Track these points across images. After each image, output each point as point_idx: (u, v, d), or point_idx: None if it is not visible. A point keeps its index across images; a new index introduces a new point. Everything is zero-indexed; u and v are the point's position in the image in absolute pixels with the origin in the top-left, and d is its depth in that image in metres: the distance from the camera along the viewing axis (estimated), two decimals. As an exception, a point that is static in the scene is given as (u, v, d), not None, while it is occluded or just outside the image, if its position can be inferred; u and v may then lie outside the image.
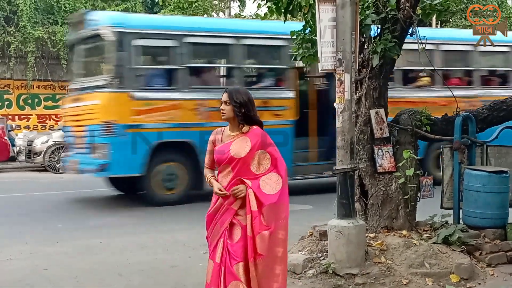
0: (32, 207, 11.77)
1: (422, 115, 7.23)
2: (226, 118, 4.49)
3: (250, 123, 4.49)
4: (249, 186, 4.34)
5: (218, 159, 4.47)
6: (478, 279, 6.10)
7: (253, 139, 4.43)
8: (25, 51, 23.30)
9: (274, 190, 4.40)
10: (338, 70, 5.90)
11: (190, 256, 7.47)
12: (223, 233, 4.38)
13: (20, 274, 6.81)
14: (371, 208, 6.93)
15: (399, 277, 5.93)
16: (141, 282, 6.48)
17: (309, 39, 7.38)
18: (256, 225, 4.30)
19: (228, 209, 4.39)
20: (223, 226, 4.39)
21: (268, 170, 4.42)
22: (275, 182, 4.41)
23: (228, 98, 4.45)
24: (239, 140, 4.44)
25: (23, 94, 24.38)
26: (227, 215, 4.39)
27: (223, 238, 4.37)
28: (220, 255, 4.35)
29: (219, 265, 4.35)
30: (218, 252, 4.37)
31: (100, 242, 8.37)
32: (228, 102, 4.44)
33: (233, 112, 4.45)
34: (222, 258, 4.34)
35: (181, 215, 10.29)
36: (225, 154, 4.41)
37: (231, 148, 4.40)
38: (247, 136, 4.45)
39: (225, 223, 4.39)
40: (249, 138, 4.44)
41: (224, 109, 4.46)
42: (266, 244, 4.30)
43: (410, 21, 6.89)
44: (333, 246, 6.04)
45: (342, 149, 6.01)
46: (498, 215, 6.91)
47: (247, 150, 4.39)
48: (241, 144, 4.42)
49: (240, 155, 4.38)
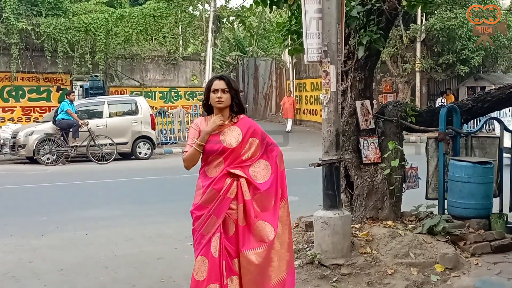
0: (16, 199, 11.70)
1: (407, 107, 7.26)
2: (224, 106, 4.38)
3: (239, 112, 4.46)
4: (241, 176, 4.31)
5: (209, 150, 4.36)
6: (462, 269, 6.15)
7: (243, 128, 4.39)
8: (8, 43, 23.04)
9: (265, 178, 4.38)
10: (324, 61, 5.90)
11: (176, 248, 7.47)
12: (219, 226, 4.28)
13: (5, 267, 6.78)
14: (357, 199, 6.96)
15: (385, 267, 5.97)
16: (128, 275, 6.47)
17: (294, 30, 7.38)
18: (251, 213, 4.28)
19: (224, 198, 4.29)
20: (219, 217, 4.27)
21: (258, 158, 4.39)
22: (265, 170, 4.39)
23: (226, 85, 4.36)
24: (229, 130, 4.38)
25: (7, 86, 24.14)
26: (224, 205, 4.29)
27: (219, 232, 4.27)
28: (218, 250, 4.24)
29: (218, 260, 4.23)
30: (215, 246, 4.24)
31: (85, 235, 8.35)
32: (227, 90, 4.36)
33: (231, 100, 4.39)
34: (221, 252, 4.25)
35: (166, 208, 10.27)
36: (216, 145, 4.33)
37: (222, 139, 4.35)
38: (237, 125, 4.40)
39: (221, 214, 4.28)
40: (239, 127, 4.39)
41: (222, 97, 4.35)
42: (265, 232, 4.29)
43: (395, 12, 6.91)
44: (319, 237, 6.06)
45: (327, 140, 6.02)
46: (482, 205, 6.98)
47: (239, 140, 4.34)
48: (231, 134, 4.37)
49: (232, 145, 4.33)
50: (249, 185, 4.33)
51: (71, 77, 24.95)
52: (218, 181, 4.32)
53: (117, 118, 19.19)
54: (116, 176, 14.91)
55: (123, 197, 11.87)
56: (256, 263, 4.28)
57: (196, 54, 28.02)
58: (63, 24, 23.69)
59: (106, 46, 24.55)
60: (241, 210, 4.30)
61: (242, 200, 4.30)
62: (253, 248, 4.29)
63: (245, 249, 4.28)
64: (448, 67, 25.59)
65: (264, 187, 4.35)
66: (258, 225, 4.30)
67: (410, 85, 25.96)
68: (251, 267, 4.29)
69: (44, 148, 17.57)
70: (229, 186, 4.30)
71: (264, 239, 4.30)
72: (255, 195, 4.33)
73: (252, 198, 4.32)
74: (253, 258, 4.28)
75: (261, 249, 4.29)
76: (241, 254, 4.29)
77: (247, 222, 4.31)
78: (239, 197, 4.31)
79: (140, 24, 25.22)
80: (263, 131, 4.51)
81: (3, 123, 22.11)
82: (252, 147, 4.39)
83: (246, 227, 4.31)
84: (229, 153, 4.33)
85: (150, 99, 25.19)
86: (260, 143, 4.42)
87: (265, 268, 4.33)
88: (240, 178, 4.31)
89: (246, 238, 4.30)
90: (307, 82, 30.05)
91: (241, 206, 4.30)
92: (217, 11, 26.13)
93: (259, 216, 4.32)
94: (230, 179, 4.32)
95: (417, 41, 24.84)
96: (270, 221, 4.35)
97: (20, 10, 22.93)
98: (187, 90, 27.11)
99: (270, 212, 4.37)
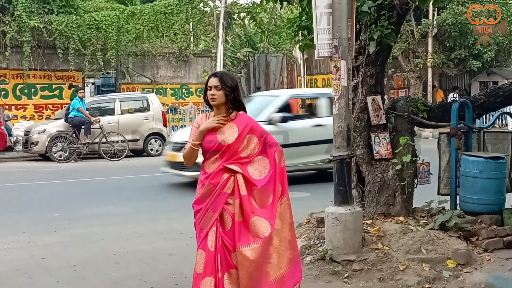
0: (29, 196, 11.78)
1: (419, 102, 7.22)
2: (217, 103, 4.38)
3: (238, 109, 4.45)
4: (237, 172, 4.31)
5: (205, 147, 4.39)
6: (474, 264, 6.11)
7: (240, 125, 4.39)
8: (21, 41, 23.20)
9: (262, 174, 4.37)
10: (335, 57, 5.88)
11: (188, 244, 7.47)
12: (216, 221, 4.31)
13: (18, 264, 6.82)
14: (368, 194, 6.94)
15: (396, 263, 5.95)
16: (139, 271, 6.49)
17: (305, 26, 7.34)
18: (247, 209, 4.27)
19: (220, 193, 4.31)
20: (216, 212, 4.30)
21: (256, 154, 4.39)
22: (263, 166, 4.39)
23: (219, 82, 4.35)
24: (226, 126, 4.38)
25: (19, 84, 24.30)
26: (220, 199, 4.31)
27: (216, 226, 4.30)
28: (214, 243, 4.27)
29: (214, 254, 4.26)
30: (211, 240, 4.28)
31: (97, 231, 8.38)
32: (219, 86, 4.35)
33: (224, 97, 4.38)
34: (217, 246, 4.27)
35: (177, 204, 10.29)
36: (212, 142, 4.35)
37: (218, 135, 4.35)
38: (234, 122, 4.40)
39: (218, 208, 4.30)
40: (236, 124, 4.39)
41: (215, 94, 4.35)
42: (261, 228, 4.28)
43: (406, 7, 6.87)
44: (330, 233, 6.04)
45: (339, 136, 6.00)
46: (494, 200, 6.93)
47: (234, 137, 4.34)
48: (228, 130, 4.37)
49: (227, 141, 4.33)
50: (245, 181, 4.32)
51: (82, 75, 25.08)
52: (215, 176, 4.34)
53: (128, 115, 19.25)
54: (127, 173, 14.95)
55: (134, 193, 11.91)
56: (252, 258, 4.27)
57: (207, 50, 28.06)
58: (75, 21, 23.82)
59: (118, 43, 24.65)
60: (238, 205, 4.30)
61: (239, 196, 4.30)
62: (248, 244, 4.28)
63: (241, 245, 4.27)
64: (460, 62, 25.44)
65: (261, 183, 4.34)
66: (254, 220, 4.29)
67: (422, 80, 25.84)
68: (247, 262, 4.28)
69: (56, 145, 17.68)
70: (225, 181, 4.32)
71: (259, 235, 4.28)
72: (252, 190, 4.32)
73: (249, 193, 4.31)
74: (248, 253, 4.27)
75: (256, 244, 4.27)
76: (237, 249, 4.28)
77: (243, 217, 4.31)
78: (235, 192, 4.31)
79: (151, 21, 25.29)
80: (263, 128, 4.51)
81: (16, 121, 22.26)
82: (250, 145, 4.39)
83: (243, 223, 4.31)
84: (225, 149, 4.33)
85: (161, 96, 25.25)
86: (259, 140, 4.41)
87: (262, 264, 4.30)
88: (237, 174, 4.32)
89: (242, 233, 4.30)
90: (318, 78, 30.00)
91: (237, 202, 4.30)
92: (228, 7, 26.17)
93: (256, 212, 4.30)
94: (227, 174, 4.33)
95: (429, 36, 24.72)
96: (266, 217, 4.33)
97: (32, 8, 23.08)
98: (198, 86, 27.15)
99: (267, 208, 4.35)
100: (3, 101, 23.83)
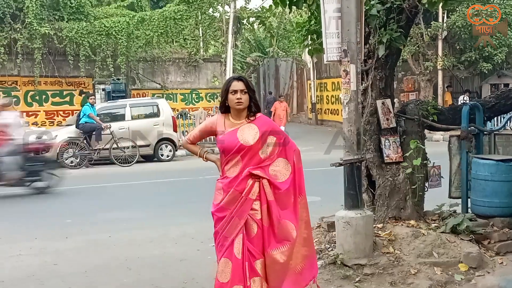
0: (40, 202, 11.83)
1: (429, 105, 7.21)
2: (244, 107, 4.41)
3: (256, 112, 4.47)
4: (263, 177, 4.32)
5: (226, 148, 4.39)
6: (487, 268, 6.08)
7: (261, 126, 4.40)
8: (32, 48, 23.34)
9: (285, 176, 4.40)
10: (344, 61, 5.88)
11: (199, 249, 7.49)
12: (242, 228, 4.29)
13: (30, 270, 6.86)
14: (379, 198, 6.93)
15: (408, 267, 5.93)
16: (151, 276, 6.50)
17: (314, 30, 7.37)
18: (275, 213, 4.29)
19: (246, 199, 4.30)
20: (242, 219, 4.29)
21: (276, 156, 4.41)
22: (284, 168, 4.41)
23: (245, 86, 4.38)
24: (245, 127, 4.40)
25: (30, 91, 24.45)
26: (246, 206, 4.30)
27: (242, 233, 4.29)
28: (241, 251, 4.26)
29: (242, 261, 4.25)
30: (238, 248, 4.26)
31: (109, 237, 8.41)
32: (245, 90, 4.38)
33: (249, 101, 4.41)
34: (244, 254, 4.27)
35: (188, 209, 10.31)
36: (233, 143, 4.34)
37: (239, 136, 4.36)
38: (253, 123, 4.41)
39: (244, 215, 4.29)
40: (256, 125, 4.40)
41: (241, 98, 4.36)
42: (288, 230, 4.32)
43: (415, 10, 6.87)
44: (341, 237, 6.04)
45: (348, 140, 6.00)
46: (506, 203, 6.88)
47: (256, 138, 4.35)
48: (249, 132, 4.37)
49: (249, 143, 4.33)
50: (270, 185, 4.34)
51: (93, 81, 25.20)
52: (240, 182, 4.34)
53: (139, 121, 19.29)
54: (138, 179, 14.99)
55: (145, 199, 11.94)
56: (281, 261, 4.32)
57: (217, 55, 28.09)
58: (85, 28, 23.95)
59: (128, 49, 24.75)
60: (265, 211, 4.32)
61: (266, 201, 4.32)
62: (277, 248, 4.33)
63: (271, 249, 4.31)
64: (471, 64, 25.34)
65: (285, 186, 4.38)
66: (282, 224, 4.33)
67: (432, 83, 25.74)
68: (277, 266, 4.32)
69: (67, 152, 17.75)
70: (251, 187, 4.32)
71: (287, 238, 4.34)
72: (276, 194, 4.34)
73: (274, 198, 4.34)
74: (278, 257, 4.31)
75: (285, 247, 4.34)
76: (266, 254, 4.32)
77: (270, 222, 4.33)
78: (262, 198, 4.32)
79: (160, 27, 25.39)
80: (282, 130, 4.55)
81: (28, 128, 22.37)
82: (269, 146, 4.41)
83: (270, 227, 4.33)
84: (246, 151, 4.34)
85: (171, 101, 25.32)
86: (278, 141, 4.43)
87: (288, 264, 4.39)
88: (262, 179, 4.32)
89: (271, 238, 4.33)
90: (328, 82, 29.98)
91: (264, 207, 4.32)
92: (237, 12, 26.18)
93: (281, 215, 4.34)
94: (251, 180, 4.33)
95: (438, 38, 24.63)
96: (291, 219, 4.40)
97: (42, 15, 23.23)
98: (208, 91, 27.21)
99: (290, 209, 4.40)
100: (15, 108, 23.90)
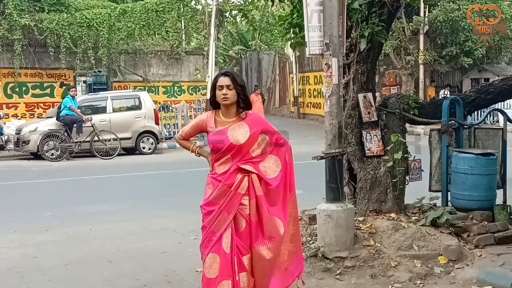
0: (21, 195, 11.74)
1: (410, 99, 7.25)
2: (230, 103, 4.34)
3: (246, 108, 4.42)
4: (252, 172, 4.30)
5: (215, 147, 4.35)
6: (466, 260, 6.15)
7: (252, 125, 4.36)
8: (11, 39, 23.03)
9: (275, 172, 4.39)
10: (326, 54, 5.90)
11: (180, 242, 7.49)
12: (230, 223, 4.27)
13: (10, 262, 6.81)
14: (360, 191, 6.96)
15: (388, 260, 5.97)
16: (132, 269, 6.49)
17: (296, 23, 7.36)
18: (264, 209, 4.28)
19: (235, 194, 4.28)
20: (231, 213, 4.26)
21: (267, 153, 4.39)
22: (274, 164, 4.40)
23: (231, 82, 4.32)
24: (236, 126, 4.35)
25: (10, 83, 24.16)
26: (235, 200, 4.28)
27: (231, 227, 4.26)
28: (229, 246, 4.24)
29: (230, 256, 4.23)
30: (226, 243, 4.23)
31: (90, 230, 8.37)
32: (232, 86, 4.31)
33: (236, 97, 4.34)
34: (233, 249, 4.24)
35: (170, 202, 10.29)
36: (223, 142, 4.30)
37: (229, 135, 4.31)
38: (244, 121, 4.36)
39: (233, 209, 4.27)
40: (246, 123, 4.36)
41: (228, 93, 4.30)
42: (276, 227, 4.32)
43: (397, 4, 6.89)
44: (322, 230, 6.06)
45: (330, 133, 6.02)
46: (485, 197, 6.97)
47: (246, 137, 4.31)
48: (239, 130, 4.33)
49: (239, 142, 4.30)
50: (260, 181, 4.33)
51: (74, 73, 24.96)
52: (229, 176, 4.31)
53: (120, 113, 19.17)
54: (120, 171, 14.93)
55: (127, 192, 11.90)
56: (268, 258, 4.31)
57: (199, 48, 27.97)
58: (66, 19, 23.69)
59: (109, 41, 24.54)
60: (254, 206, 4.31)
61: (254, 196, 4.30)
62: (264, 243, 4.32)
63: (257, 244, 4.31)
64: (452, 59, 25.48)
65: (275, 182, 4.37)
66: (270, 220, 4.32)
67: (413, 78, 25.88)
68: (263, 262, 4.32)
69: (48, 144, 17.59)
70: (240, 181, 4.30)
71: (274, 234, 4.34)
72: (266, 190, 4.33)
73: (264, 193, 4.33)
74: (264, 253, 4.31)
75: (272, 244, 4.33)
76: (253, 249, 4.31)
77: (259, 217, 4.31)
78: (250, 192, 4.30)
79: (142, 19, 25.19)
80: (273, 127, 4.50)
81: (7, 119, 22.14)
82: (261, 144, 4.39)
83: (258, 223, 4.32)
84: (237, 150, 4.30)
85: (153, 94, 25.16)
86: (270, 139, 4.41)
87: (275, 261, 4.39)
88: (251, 174, 4.30)
89: (258, 233, 4.32)
90: (311, 75, 30.01)
91: (253, 202, 4.31)
92: (219, 5, 26.05)
93: (270, 211, 4.33)
94: (241, 175, 4.31)
95: (420, 33, 24.74)
96: (280, 216, 4.40)
97: (22, 6, 22.93)
98: (190, 84, 27.10)
99: (279, 206, 4.40)
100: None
